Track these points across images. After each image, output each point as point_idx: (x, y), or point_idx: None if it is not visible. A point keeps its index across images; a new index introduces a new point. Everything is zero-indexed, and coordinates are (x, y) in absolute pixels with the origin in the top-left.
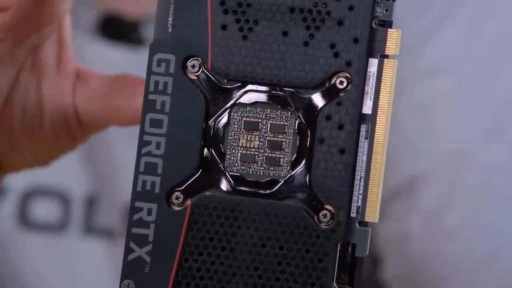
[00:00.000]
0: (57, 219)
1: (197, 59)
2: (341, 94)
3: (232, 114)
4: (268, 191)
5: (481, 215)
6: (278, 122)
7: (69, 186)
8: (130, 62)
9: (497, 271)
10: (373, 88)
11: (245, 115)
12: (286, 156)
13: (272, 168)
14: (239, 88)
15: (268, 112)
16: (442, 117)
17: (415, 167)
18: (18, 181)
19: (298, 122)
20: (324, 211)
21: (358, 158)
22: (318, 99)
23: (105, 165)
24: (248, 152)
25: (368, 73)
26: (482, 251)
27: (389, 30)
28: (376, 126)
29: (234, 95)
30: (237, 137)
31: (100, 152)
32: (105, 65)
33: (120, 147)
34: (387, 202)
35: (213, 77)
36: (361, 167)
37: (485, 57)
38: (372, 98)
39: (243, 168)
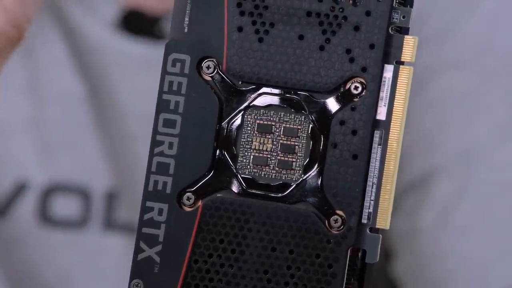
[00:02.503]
0: (78, 215)
1: (212, 60)
2: (356, 100)
3: (245, 116)
4: (279, 195)
5: (492, 211)
6: (291, 126)
7: (89, 181)
8: (152, 56)
9: (507, 268)
10: (388, 95)
11: (258, 117)
12: (298, 160)
13: (284, 172)
14: (254, 90)
15: (281, 116)
16: (458, 112)
17: (429, 162)
18: (38, 177)
19: (311, 126)
20: (335, 216)
21: (370, 164)
22: (332, 104)
23: (126, 160)
24: (261, 154)
25: (383, 79)
26: (493, 247)
27: (406, 36)
28: (390, 132)
29: (248, 97)
30: (250, 139)
31: (121, 147)
32: (127, 59)
33: (141, 142)
34: (401, 196)
35: (228, 78)
36: (374, 173)
37: (505, 53)
38: (387, 105)
39: (255, 170)
